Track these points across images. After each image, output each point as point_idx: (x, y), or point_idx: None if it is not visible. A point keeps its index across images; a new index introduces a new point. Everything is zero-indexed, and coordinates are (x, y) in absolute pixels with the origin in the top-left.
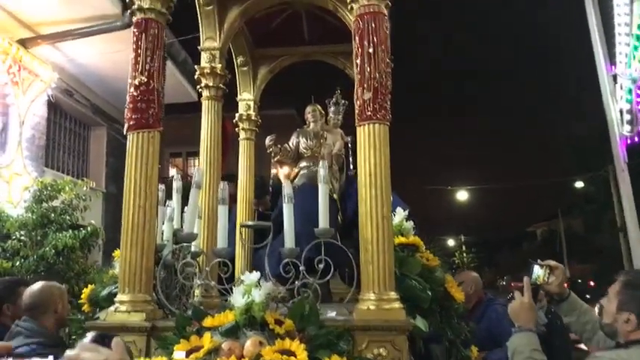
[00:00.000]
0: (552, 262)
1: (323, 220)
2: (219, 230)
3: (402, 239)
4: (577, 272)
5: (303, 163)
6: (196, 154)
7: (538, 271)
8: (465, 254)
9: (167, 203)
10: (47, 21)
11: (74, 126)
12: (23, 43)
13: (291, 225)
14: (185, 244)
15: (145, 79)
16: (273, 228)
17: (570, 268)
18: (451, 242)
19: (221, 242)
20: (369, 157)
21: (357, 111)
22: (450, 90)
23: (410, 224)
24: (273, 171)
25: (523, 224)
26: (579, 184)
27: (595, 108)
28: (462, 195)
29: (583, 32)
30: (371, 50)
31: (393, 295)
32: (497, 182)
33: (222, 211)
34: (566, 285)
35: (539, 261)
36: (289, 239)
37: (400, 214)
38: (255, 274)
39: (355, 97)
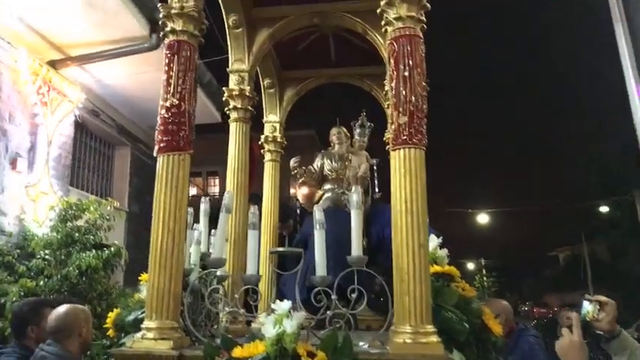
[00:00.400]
0: (602, 298)
1: (356, 248)
2: (249, 256)
3: (437, 268)
4: None
5: (327, 186)
6: (216, 173)
7: (587, 307)
8: (485, 278)
9: (194, 226)
10: (77, 43)
11: (99, 145)
12: (53, 64)
13: (323, 252)
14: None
15: (177, 101)
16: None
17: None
18: (471, 265)
19: (251, 268)
20: (405, 183)
21: (391, 135)
22: (472, 109)
23: (444, 252)
24: (292, 191)
25: (545, 248)
26: (604, 209)
27: (620, 131)
28: (483, 218)
29: (611, 55)
30: (407, 73)
31: (430, 328)
32: (518, 205)
33: (253, 236)
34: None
35: (587, 296)
36: (320, 267)
37: (434, 240)
38: (287, 303)
39: (390, 121)
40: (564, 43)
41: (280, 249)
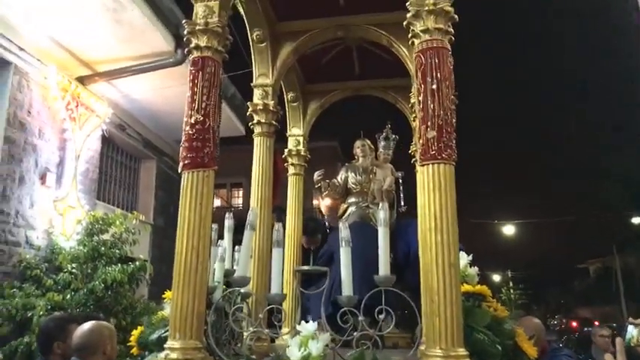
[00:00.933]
0: None
1: (384, 267)
2: (273, 274)
3: (468, 287)
4: (634, 313)
5: (351, 199)
6: (240, 185)
7: (632, 332)
8: (512, 290)
9: (218, 242)
10: (104, 59)
11: (125, 159)
12: (82, 80)
13: (349, 270)
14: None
15: (201, 118)
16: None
17: (628, 309)
18: (497, 278)
19: (275, 287)
20: (434, 200)
21: (419, 150)
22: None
23: (475, 270)
24: (315, 202)
25: (574, 260)
26: (636, 220)
27: None
28: (509, 229)
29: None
30: (434, 87)
31: (462, 351)
32: (546, 216)
33: (277, 254)
34: None
35: (631, 319)
36: (347, 286)
37: (463, 258)
38: (312, 325)
39: (417, 135)
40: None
41: (305, 267)
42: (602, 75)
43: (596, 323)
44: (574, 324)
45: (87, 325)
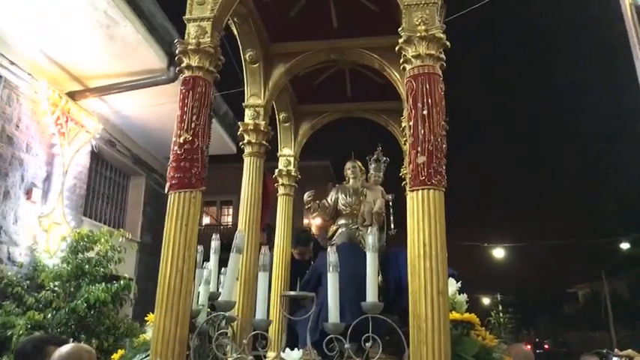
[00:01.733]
0: (632, 353)
1: (372, 293)
2: (258, 299)
3: (456, 315)
4: (624, 340)
5: (341, 221)
6: (230, 202)
7: None
8: (501, 314)
9: (204, 264)
10: (96, 74)
11: (114, 175)
12: (72, 95)
13: (336, 297)
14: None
15: (190, 137)
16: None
17: (617, 335)
18: (486, 301)
19: (260, 313)
20: (423, 226)
21: (409, 175)
22: (489, 144)
23: (464, 297)
24: (306, 221)
25: (563, 285)
26: (624, 245)
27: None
28: (498, 252)
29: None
30: (425, 112)
31: None
32: (535, 240)
33: (263, 279)
34: None
35: (616, 351)
36: (333, 313)
37: (452, 285)
38: (298, 353)
39: (408, 160)
40: (583, 79)
41: (292, 293)
42: (596, 94)
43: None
44: (564, 350)
45: (65, 348)
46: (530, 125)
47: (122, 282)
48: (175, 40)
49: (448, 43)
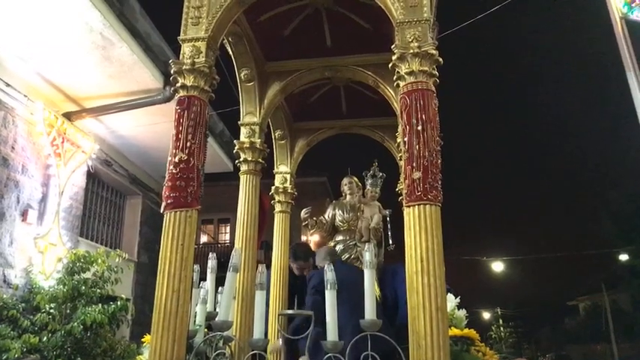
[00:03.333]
0: None
1: (370, 311)
2: (255, 319)
3: (455, 331)
4: (625, 352)
5: (339, 237)
6: (228, 220)
7: None
8: (502, 328)
9: (200, 284)
10: (92, 95)
11: (110, 195)
12: (68, 116)
13: (334, 314)
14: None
15: (185, 157)
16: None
17: (618, 347)
18: (487, 315)
19: (258, 332)
20: (420, 241)
21: (405, 191)
22: (488, 156)
23: (463, 312)
24: (304, 238)
25: (564, 297)
26: (623, 257)
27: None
28: (498, 266)
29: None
30: (419, 128)
31: None
32: (535, 253)
33: (260, 298)
34: None
35: None
36: (332, 331)
37: (451, 300)
38: None
39: (403, 175)
40: (576, 93)
41: (290, 311)
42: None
43: None
44: None
45: None
46: (529, 139)
47: (119, 303)
48: (170, 60)
49: (441, 60)
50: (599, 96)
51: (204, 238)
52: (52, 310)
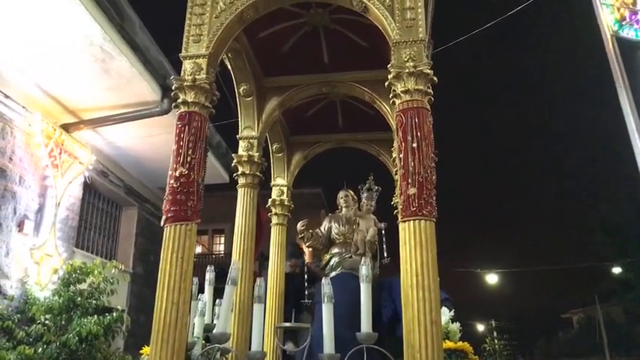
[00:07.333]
0: None
1: (366, 324)
2: (254, 332)
3: (449, 344)
4: None
5: (335, 249)
6: (222, 231)
7: None
8: (496, 341)
9: (199, 296)
10: (90, 107)
11: (106, 206)
12: (66, 127)
13: (331, 327)
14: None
15: (186, 171)
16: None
17: None
18: (481, 327)
19: (255, 345)
20: (415, 256)
21: (400, 206)
22: (482, 172)
23: (457, 325)
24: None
25: (558, 310)
26: (617, 270)
27: (631, 192)
28: (492, 278)
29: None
30: (415, 145)
31: None
32: (528, 266)
33: (258, 310)
34: None
35: None
36: (328, 344)
37: (445, 314)
38: None
39: (399, 191)
40: (570, 106)
41: (287, 324)
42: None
43: None
44: None
45: None
46: (522, 154)
47: (115, 314)
48: (172, 77)
49: (435, 79)
50: (592, 110)
51: (198, 249)
52: (47, 322)
